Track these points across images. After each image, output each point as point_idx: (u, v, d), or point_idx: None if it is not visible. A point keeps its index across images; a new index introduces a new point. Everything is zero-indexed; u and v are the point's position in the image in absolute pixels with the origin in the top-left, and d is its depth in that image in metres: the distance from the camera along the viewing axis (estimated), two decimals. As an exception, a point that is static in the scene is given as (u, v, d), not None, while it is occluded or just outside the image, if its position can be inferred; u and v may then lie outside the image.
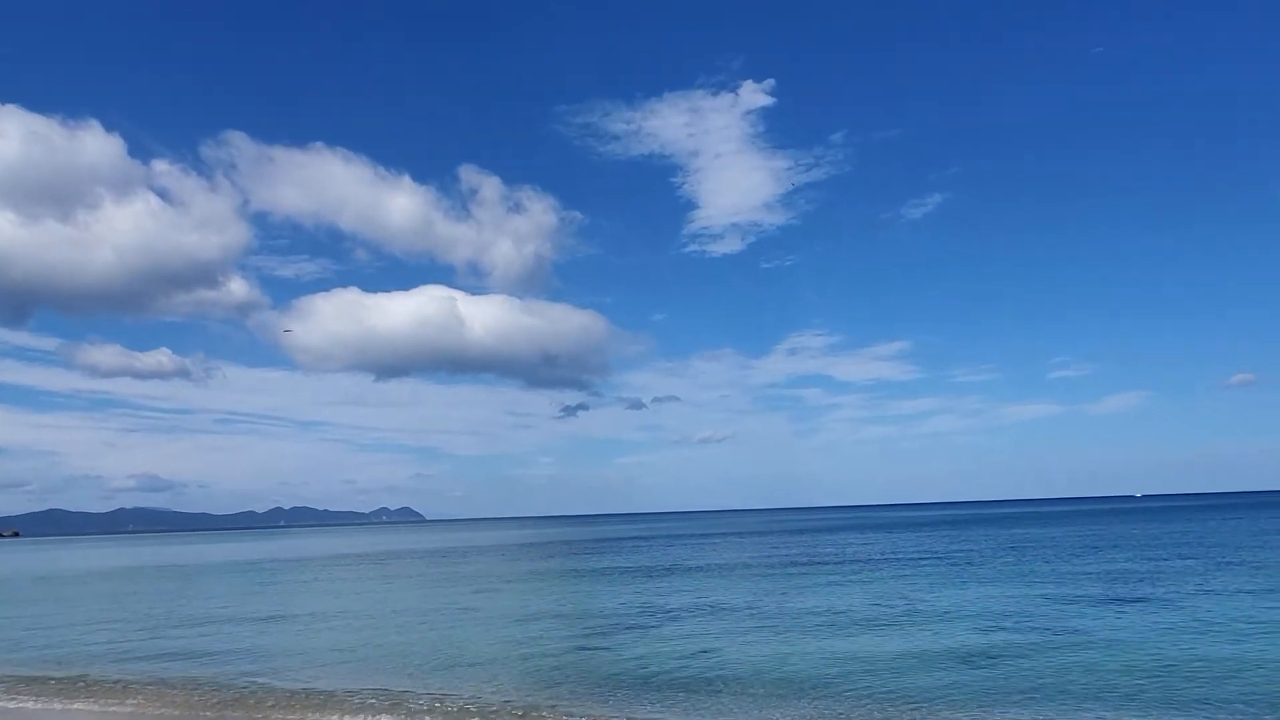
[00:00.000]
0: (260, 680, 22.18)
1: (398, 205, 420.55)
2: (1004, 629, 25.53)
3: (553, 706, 18.11)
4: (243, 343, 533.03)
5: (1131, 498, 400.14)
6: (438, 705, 18.57)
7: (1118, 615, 27.30)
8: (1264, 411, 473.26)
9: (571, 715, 17.34)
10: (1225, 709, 15.94)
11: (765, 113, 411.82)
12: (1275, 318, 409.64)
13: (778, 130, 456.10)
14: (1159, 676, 18.61)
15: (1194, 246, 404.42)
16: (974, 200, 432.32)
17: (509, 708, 18.15)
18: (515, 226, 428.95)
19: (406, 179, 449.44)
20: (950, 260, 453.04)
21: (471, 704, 18.58)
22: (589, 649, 25.06)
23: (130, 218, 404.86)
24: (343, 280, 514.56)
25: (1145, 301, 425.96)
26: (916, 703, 17.24)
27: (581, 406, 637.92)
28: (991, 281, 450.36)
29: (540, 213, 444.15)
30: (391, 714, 17.96)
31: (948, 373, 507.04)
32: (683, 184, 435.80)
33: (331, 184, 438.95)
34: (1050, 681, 18.56)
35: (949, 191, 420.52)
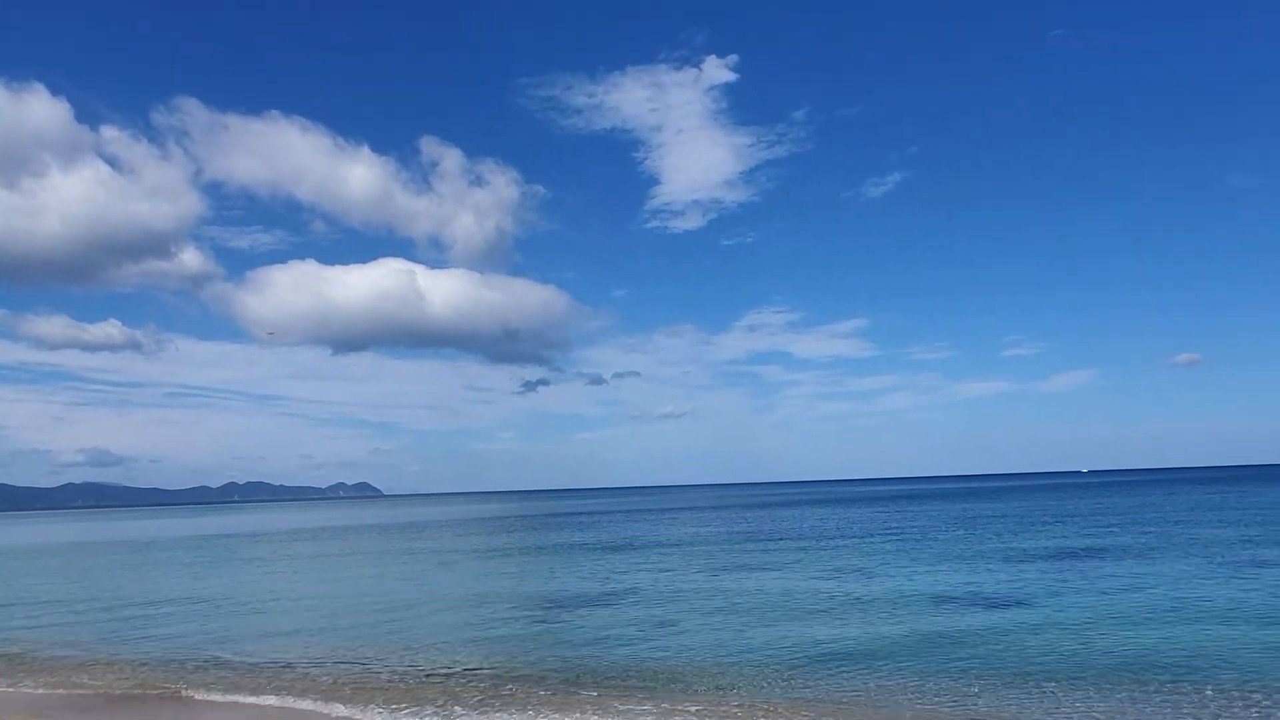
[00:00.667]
0: (214, 656, 21.84)
1: (356, 176, 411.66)
2: (956, 606, 26.04)
3: (516, 678, 18.06)
4: (196, 315, 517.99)
5: (1078, 473, 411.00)
6: (399, 679, 18.44)
7: (1062, 593, 27.98)
8: (1206, 390, 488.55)
9: (535, 689, 17.32)
10: (1159, 686, 16.41)
11: (728, 89, 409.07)
12: (1220, 298, 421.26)
13: (741, 107, 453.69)
14: (1099, 655, 19.13)
15: (1144, 228, 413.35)
16: (932, 180, 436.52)
17: (473, 681, 18.07)
18: (477, 200, 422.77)
19: (366, 150, 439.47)
20: (909, 239, 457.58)
21: (434, 678, 18.47)
22: (550, 624, 25.05)
23: (78, 185, 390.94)
24: (299, 252, 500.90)
25: (1095, 281, 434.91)
26: (868, 679, 17.50)
27: (542, 382, 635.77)
28: (948, 261, 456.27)
29: (503, 186, 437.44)
30: (352, 688, 17.77)
31: (904, 350, 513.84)
32: (645, 159, 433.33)
33: (288, 153, 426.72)
34: (1000, 661, 18.96)
35: (909, 170, 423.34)
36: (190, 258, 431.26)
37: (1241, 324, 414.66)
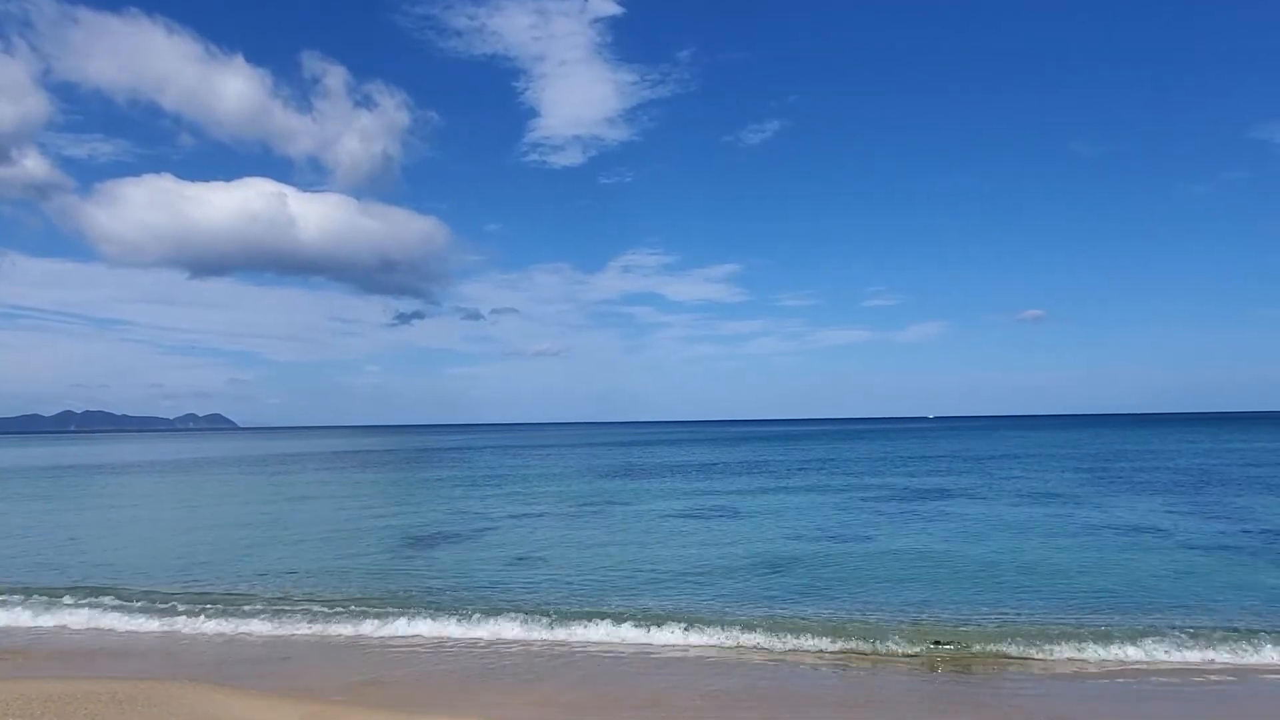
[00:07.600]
0: (57, 586, 20.97)
1: (229, 88, 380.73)
2: (804, 536, 27.92)
3: (384, 601, 18.26)
4: (36, 228, 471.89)
5: (924, 419, 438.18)
6: (266, 608, 18.31)
7: (901, 523, 30.44)
8: (1050, 344, 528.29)
9: (405, 613, 17.57)
10: (985, 596, 18.39)
11: (614, 22, 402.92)
12: (1065, 259, 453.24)
13: (625, 43, 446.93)
14: (935, 572, 21.14)
15: (997, 189, 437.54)
16: (809, 131, 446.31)
17: (343, 608, 18.16)
18: (363, 123, 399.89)
19: (240, 60, 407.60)
20: (783, 188, 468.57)
21: (302, 605, 18.43)
22: (414, 555, 25.23)
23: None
24: (158, 165, 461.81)
25: (953, 238, 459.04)
26: (721, 601, 18.74)
27: (417, 315, 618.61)
28: (819, 211, 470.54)
29: (392, 110, 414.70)
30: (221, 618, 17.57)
31: (773, 297, 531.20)
32: (525, 90, 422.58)
33: (151, 58, 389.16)
34: (837, 580, 20.64)
35: (787, 119, 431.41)
36: (33, 165, 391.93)
37: (1083, 284, 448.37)
